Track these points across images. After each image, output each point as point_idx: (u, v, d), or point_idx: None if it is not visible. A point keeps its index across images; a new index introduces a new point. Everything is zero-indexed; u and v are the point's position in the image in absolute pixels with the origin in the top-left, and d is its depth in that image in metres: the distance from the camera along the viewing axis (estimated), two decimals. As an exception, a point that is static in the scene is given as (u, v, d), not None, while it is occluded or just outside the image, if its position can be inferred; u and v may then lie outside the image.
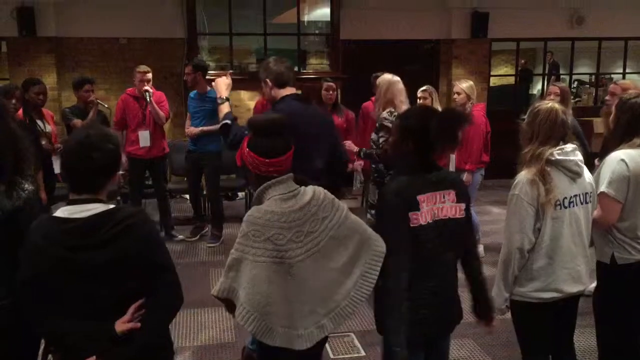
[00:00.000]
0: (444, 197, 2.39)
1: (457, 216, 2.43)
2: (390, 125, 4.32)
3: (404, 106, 4.43)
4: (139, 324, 1.96)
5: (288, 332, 2.20)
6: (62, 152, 2.02)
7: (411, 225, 2.30)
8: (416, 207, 2.31)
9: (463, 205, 2.44)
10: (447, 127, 2.34)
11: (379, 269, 2.32)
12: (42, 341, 2.26)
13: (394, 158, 2.56)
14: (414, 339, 2.34)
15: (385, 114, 4.55)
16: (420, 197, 2.33)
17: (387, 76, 4.75)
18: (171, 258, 2.11)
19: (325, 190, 2.40)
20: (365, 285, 2.31)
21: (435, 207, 2.36)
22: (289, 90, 3.33)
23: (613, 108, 3.03)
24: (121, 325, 1.95)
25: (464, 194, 2.46)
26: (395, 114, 4.41)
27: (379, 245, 2.33)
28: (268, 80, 3.35)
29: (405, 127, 2.44)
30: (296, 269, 2.21)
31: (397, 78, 4.64)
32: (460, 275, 2.55)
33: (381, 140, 4.48)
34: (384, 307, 2.34)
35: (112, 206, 2.01)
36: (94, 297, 1.95)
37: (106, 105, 5.96)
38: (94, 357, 1.92)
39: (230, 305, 2.22)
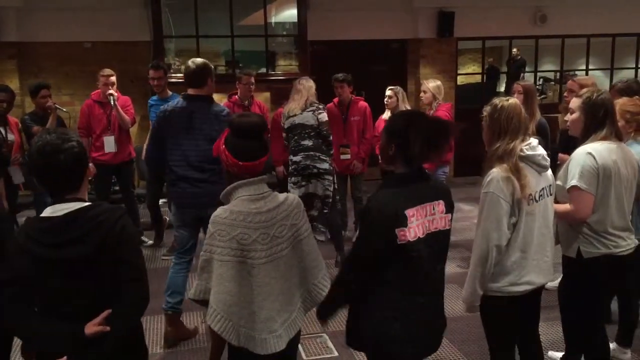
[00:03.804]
0: (433, 209, 2.30)
1: (447, 227, 2.36)
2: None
3: (291, 104, 5.18)
4: (107, 328, 1.97)
5: (248, 334, 2.22)
6: (28, 161, 2.03)
7: (398, 242, 2.19)
8: (403, 223, 2.18)
9: (450, 216, 2.37)
10: (429, 135, 2.23)
11: (325, 292, 2.39)
12: (16, 341, 2.25)
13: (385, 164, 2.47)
14: (410, 353, 2.35)
15: None
16: (408, 212, 2.20)
17: None
18: (142, 256, 2.13)
19: (300, 200, 2.41)
20: (309, 302, 2.40)
21: (426, 220, 2.27)
22: (192, 91, 3.83)
23: (577, 108, 3.04)
24: (91, 327, 1.96)
25: (451, 204, 2.38)
26: (285, 109, 5.24)
27: (327, 277, 2.43)
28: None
29: (388, 131, 2.34)
30: (256, 271, 2.22)
31: (298, 81, 5.28)
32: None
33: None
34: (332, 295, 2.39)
35: (88, 204, 2.03)
36: (70, 296, 1.98)
37: (65, 110, 5.84)
38: (65, 357, 1.95)
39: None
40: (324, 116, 5.11)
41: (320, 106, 5.16)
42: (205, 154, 3.67)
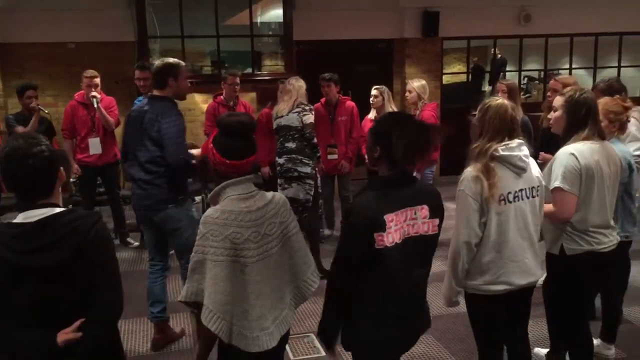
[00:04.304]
0: (415, 214, 2.28)
1: (430, 232, 2.32)
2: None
3: (280, 105, 5.15)
4: (79, 334, 1.93)
5: (240, 333, 2.23)
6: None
7: (376, 247, 2.19)
8: (382, 227, 2.19)
9: (437, 221, 2.34)
10: (413, 139, 2.23)
11: (314, 288, 2.42)
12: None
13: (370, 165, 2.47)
14: (387, 357, 2.38)
15: None
16: (388, 217, 2.20)
17: None
18: (116, 261, 2.08)
19: (286, 199, 2.43)
20: (299, 297, 2.43)
21: (405, 225, 2.26)
22: (155, 92, 3.77)
23: (559, 106, 3.06)
24: (62, 335, 1.92)
25: (438, 208, 2.35)
26: (274, 109, 5.21)
27: (316, 273, 2.45)
28: None
29: (374, 133, 2.35)
30: (249, 270, 2.22)
31: (288, 81, 5.20)
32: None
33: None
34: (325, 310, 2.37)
35: (62, 209, 1.99)
36: (43, 303, 1.93)
37: (46, 111, 5.80)
38: None
39: (200, 308, 2.22)
40: (308, 118, 5.01)
41: (307, 107, 5.06)
42: (151, 155, 3.66)
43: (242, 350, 2.24)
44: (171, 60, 3.79)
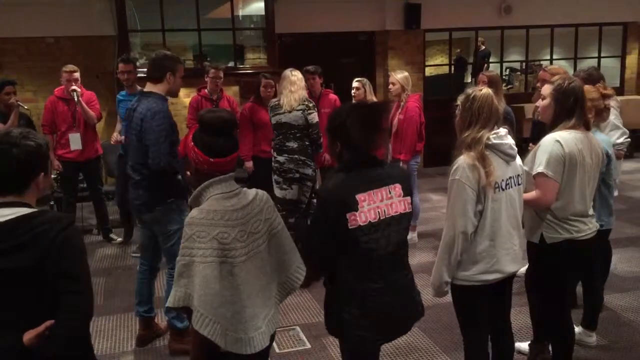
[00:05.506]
0: (390, 193, 2.33)
1: (407, 210, 2.40)
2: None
3: (289, 97, 4.78)
4: (42, 328, 1.85)
5: (233, 337, 2.18)
6: None
7: (349, 227, 2.24)
8: (354, 207, 2.24)
9: (409, 199, 2.41)
10: (364, 121, 2.28)
11: (299, 283, 2.40)
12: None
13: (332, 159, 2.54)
14: (369, 339, 2.38)
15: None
16: (359, 196, 2.25)
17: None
18: (87, 270, 1.97)
19: (269, 195, 2.40)
20: (282, 293, 2.40)
21: (382, 205, 2.30)
22: (148, 86, 3.56)
23: (548, 94, 3.07)
24: (27, 335, 1.84)
25: (409, 187, 2.43)
26: (276, 100, 4.91)
27: (302, 266, 2.42)
28: None
29: (329, 129, 2.39)
30: (238, 270, 2.19)
31: (291, 72, 4.88)
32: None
33: None
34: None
35: (35, 210, 1.92)
36: (10, 307, 1.87)
37: (26, 107, 5.72)
38: None
39: (190, 313, 2.16)
40: (314, 117, 4.82)
41: (311, 104, 4.88)
42: (139, 155, 3.49)
43: (230, 352, 2.19)
44: (169, 53, 3.58)
